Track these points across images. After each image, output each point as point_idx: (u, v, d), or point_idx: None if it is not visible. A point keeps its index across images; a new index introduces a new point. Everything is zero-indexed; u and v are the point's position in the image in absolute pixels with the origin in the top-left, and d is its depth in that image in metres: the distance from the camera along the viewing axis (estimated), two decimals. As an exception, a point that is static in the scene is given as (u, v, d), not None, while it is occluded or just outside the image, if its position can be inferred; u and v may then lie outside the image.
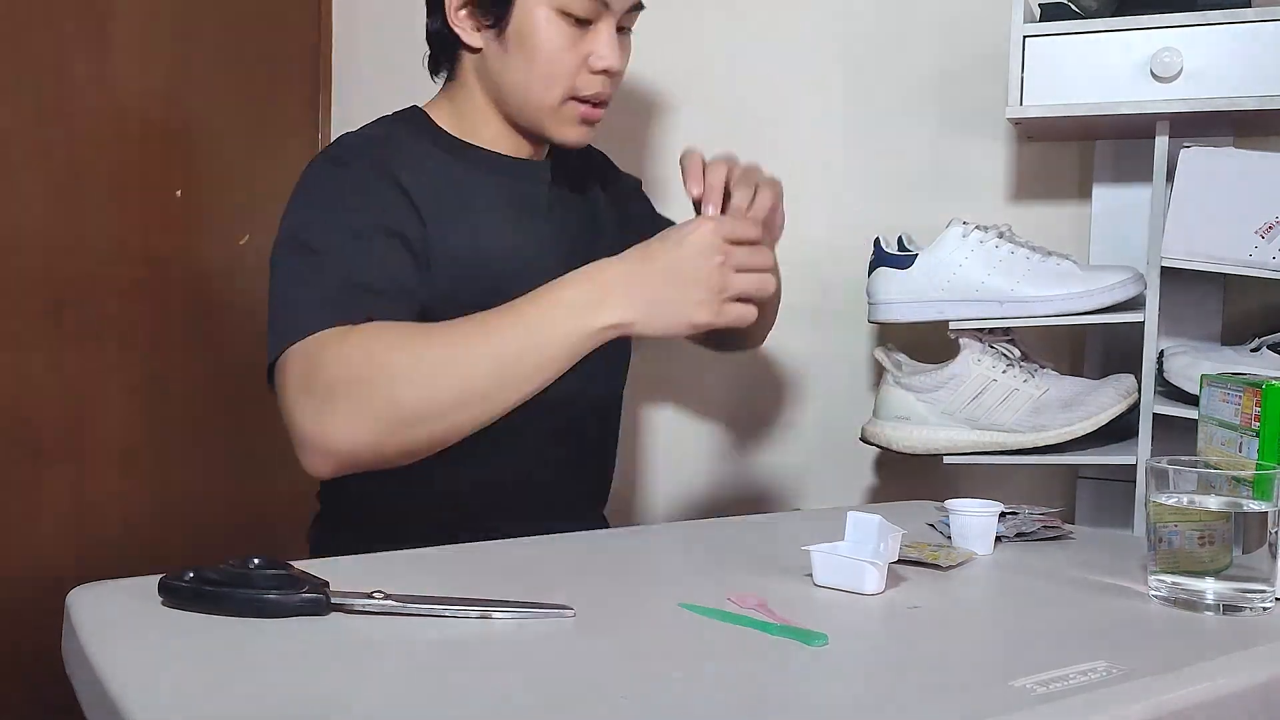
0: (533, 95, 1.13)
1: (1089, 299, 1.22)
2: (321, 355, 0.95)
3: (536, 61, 1.11)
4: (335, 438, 0.94)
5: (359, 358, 0.95)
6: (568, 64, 1.11)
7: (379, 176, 1.09)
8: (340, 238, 1.03)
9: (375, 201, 1.07)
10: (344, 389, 0.94)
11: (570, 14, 1.10)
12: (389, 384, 0.94)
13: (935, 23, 1.48)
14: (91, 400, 1.48)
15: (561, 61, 1.11)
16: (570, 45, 1.11)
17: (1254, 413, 0.84)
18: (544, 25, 1.10)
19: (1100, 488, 1.34)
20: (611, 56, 1.12)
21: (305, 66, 1.82)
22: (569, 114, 1.14)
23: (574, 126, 1.15)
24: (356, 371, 0.94)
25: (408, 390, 0.94)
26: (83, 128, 1.47)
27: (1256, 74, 1.15)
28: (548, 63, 1.11)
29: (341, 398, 0.94)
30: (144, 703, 0.56)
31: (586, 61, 1.12)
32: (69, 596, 0.74)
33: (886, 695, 0.61)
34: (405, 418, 0.94)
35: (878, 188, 1.52)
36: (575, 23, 1.10)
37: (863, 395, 1.52)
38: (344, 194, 1.07)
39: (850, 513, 0.85)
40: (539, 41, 1.10)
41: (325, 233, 1.04)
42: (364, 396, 0.94)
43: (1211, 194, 1.16)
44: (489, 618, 0.71)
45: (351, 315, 0.98)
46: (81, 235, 1.48)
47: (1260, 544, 0.77)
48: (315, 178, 1.11)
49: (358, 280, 1.01)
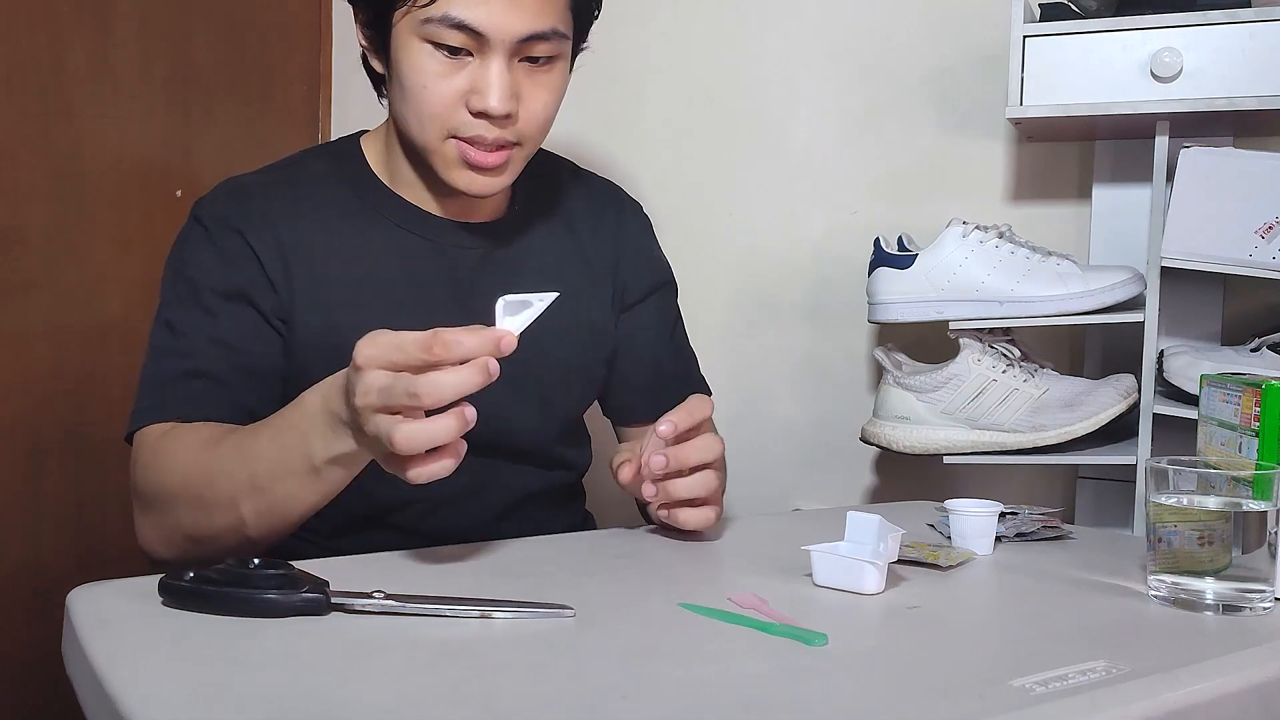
0: (413, 131, 1.01)
1: (1089, 299, 1.22)
2: (137, 459, 0.97)
3: (407, 98, 0.99)
4: (145, 545, 0.97)
5: (153, 475, 0.94)
6: (436, 102, 0.97)
7: (235, 239, 1.02)
8: (189, 312, 1.00)
9: (227, 267, 1.01)
10: (144, 503, 0.96)
11: (438, 42, 0.96)
12: (172, 507, 0.93)
13: (935, 22, 1.48)
14: (91, 400, 1.48)
15: (426, 98, 0.97)
16: (441, 78, 0.97)
17: (1254, 413, 0.84)
18: (410, 56, 0.97)
19: (1100, 488, 1.34)
20: (493, 96, 0.96)
21: (305, 66, 1.82)
22: (451, 156, 1.00)
23: (460, 171, 1.01)
24: (150, 489, 0.95)
25: (186, 515, 0.92)
26: (83, 127, 1.47)
27: (1256, 74, 1.15)
28: (416, 100, 0.98)
29: (142, 511, 0.97)
30: (144, 703, 0.56)
31: (466, 99, 0.98)
32: (68, 598, 0.74)
33: (886, 695, 0.61)
34: (192, 537, 0.92)
35: (878, 188, 1.52)
36: (445, 54, 0.96)
37: (863, 395, 1.52)
38: (199, 259, 1.02)
39: (850, 513, 0.85)
40: (405, 75, 0.98)
41: (177, 304, 1.02)
42: (156, 515, 0.95)
43: (1211, 194, 1.16)
44: (489, 618, 0.71)
45: (177, 409, 0.97)
46: (81, 235, 1.48)
47: (1260, 544, 0.77)
48: (181, 238, 1.06)
49: (194, 366, 0.98)
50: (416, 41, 0.97)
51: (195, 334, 1.00)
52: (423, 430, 0.75)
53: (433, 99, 0.98)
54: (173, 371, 0.99)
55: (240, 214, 1.03)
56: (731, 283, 1.60)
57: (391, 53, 0.99)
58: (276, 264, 1.02)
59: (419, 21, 0.96)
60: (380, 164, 1.09)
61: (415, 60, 0.97)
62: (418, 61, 0.97)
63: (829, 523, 0.86)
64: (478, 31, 0.95)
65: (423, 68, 0.97)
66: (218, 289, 1.01)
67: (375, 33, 1.01)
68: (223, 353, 0.99)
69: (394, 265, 1.06)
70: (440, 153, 1.00)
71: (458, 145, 0.99)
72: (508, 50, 0.96)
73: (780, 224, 1.57)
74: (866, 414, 1.35)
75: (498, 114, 0.97)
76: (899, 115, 1.50)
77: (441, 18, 0.95)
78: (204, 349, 0.99)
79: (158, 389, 0.99)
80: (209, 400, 0.98)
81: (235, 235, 1.02)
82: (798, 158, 1.57)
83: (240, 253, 1.02)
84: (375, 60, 1.04)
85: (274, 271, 1.02)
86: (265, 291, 1.02)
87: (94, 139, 1.49)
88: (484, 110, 0.97)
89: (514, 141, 1.00)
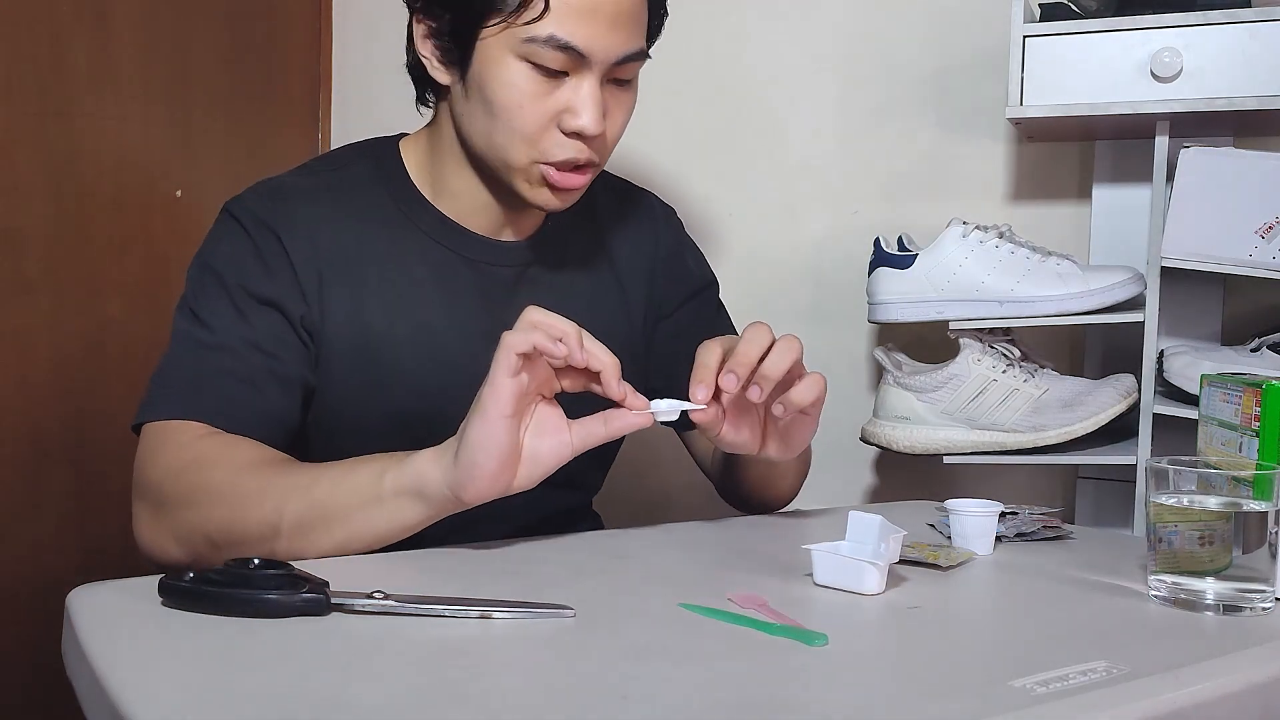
0: (494, 150, 0.98)
1: (1089, 299, 1.22)
2: (155, 454, 0.92)
3: (496, 115, 0.95)
4: (147, 542, 0.93)
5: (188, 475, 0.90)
6: (530, 121, 0.95)
7: (272, 242, 0.99)
8: (220, 308, 0.97)
9: (262, 270, 0.98)
10: (156, 500, 0.91)
11: (537, 62, 0.93)
12: (198, 507, 0.88)
13: (935, 22, 1.48)
14: (93, 401, 1.48)
15: (521, 117, 0.95)
16: (537, 99, 0.94)
17: (1254, 413, 0.84)
18: (503, 73, 0.94)
19: (1100, 488, 1.34)
20: (588, 116, 0.94)
21: (305, 67, 1.82)
22: (535, 176, 0.98)
23: (541, 190, 0.99)
24: (171, 488, 0.90)
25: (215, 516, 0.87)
26: (83, 127, 1.47)
27: (1256, 74, 1.15)
28: (509, 118, 0.95)
29: (152, 507, 0.92)
30: (144, 703, 0.56)
31: (558, 119, 0.96)
32: (69, 598, 0.74)
33: (887, 695, 0.61)
34: (214, 541, 0.88)
35: (878, 188, 1.52)
36: (543, 74, 0.94)
37: (863, 395, 1.52)
38: (234, 257, 0.99)
39: (851, 512, 0.85)
40: (496, 93, 0.94)
41: (207, 299, 0.98)
42: (174, 512, 0.90)
43: (1211, 194, 1.16)
44: (489, 618, 0.71)
45: (211, 410, 0.93)
46: (82, 235, 1.48)
47: (1260, 544, 0.77)
48: (215, 235, 1.02)
49: (228, 364, 0.95)
50: (512, 59, 0.93)
51: (227, 331, 0.96)
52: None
53: (527, 119, 0.95)
54: (205, 367, 0.95)
55: (279, 217, 1.00)
56: (731, 283, 1.59)
57: (474, 67, 0.95)
58: (311, 273, 0.99)
59: (519, 40, 0.93)
60: (420, 173, 1.06)
61: (509, 78, 0.94)
62: (513, 80, 0.94)
63: (829, 523, 0.86)
64: (580, 53, 0.93)
65: (519, 87, 0.94)
66: (251, 291, 0.98)
67: (453, 44, 0.97)
68: (256, 355, 0.96)
69: (428, 280, 1.04)
70: (525, 172, 0.98)
71: (543, 167, 0.97)
72: (603, 71, 0.95)
73: (780, 224, 1.57)
74: (866, 414, 1.35)
75: (593, 135, 0.96)
76: (899, 115, 1.50)
77: (547, 38, 0.92)
78: (237, 348, 0.96)
79: (188, 384, 0.95)
80: (242, 404, 0.94)
81: (273, 239, 0.99)
82: (798, 158, 1.57)
83: (276, 258, 0.99)
84: (441, 71, 0.99)
85: (307, 281, 0.99)
86: (297, 301, 0.99)
87: (94, 139, 1.49)
88: (579, 131, 0.95)
89: (594, 161, 0.99)
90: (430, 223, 1.05)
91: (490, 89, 0.95)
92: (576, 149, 0.97)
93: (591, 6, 0.93)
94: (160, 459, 0.92)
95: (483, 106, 0.96)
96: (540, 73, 0.94)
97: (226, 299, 0.97)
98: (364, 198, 1.04)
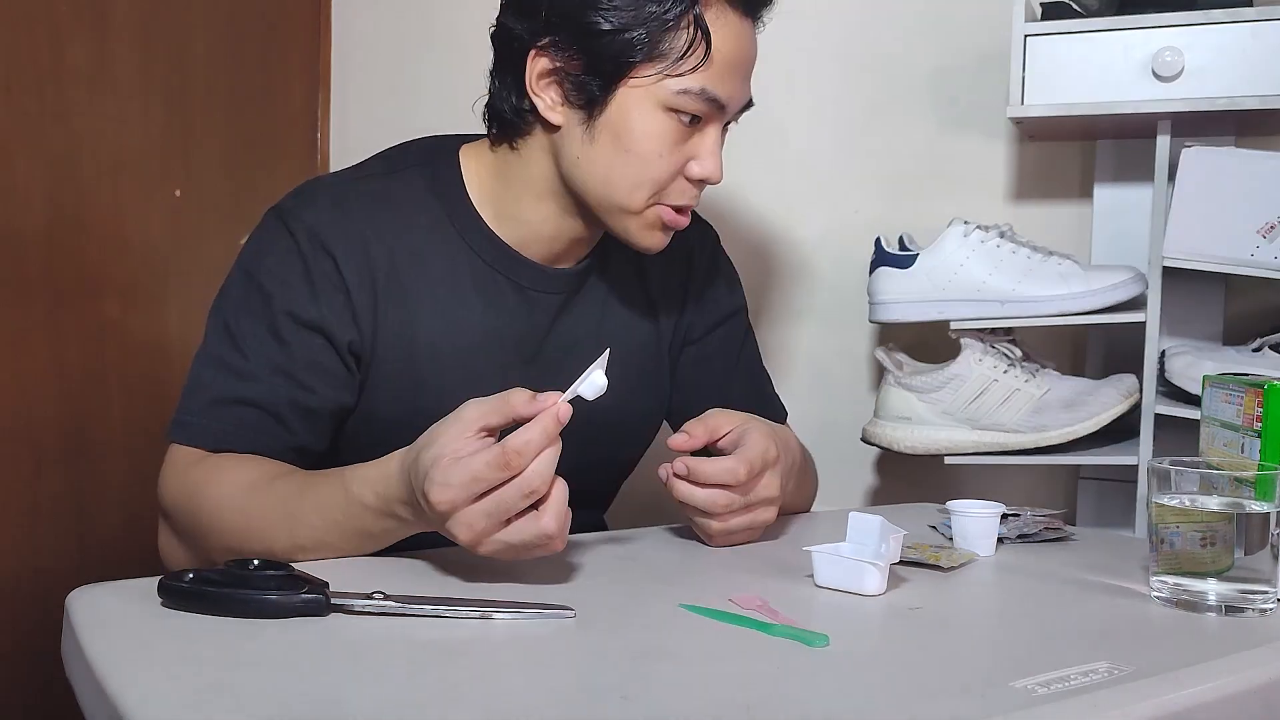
0: (615, 194, 0.97)
1: (1090, 299, 1.22)
2: (173, 477, 0.95)
3: (629, 163, 0.95)
4: (168, 558, 0.97)
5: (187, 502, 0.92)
6: (664, 169, 0.96)
7: (327, 262, 0.96)
8: (258, 329, 0.95)
9: (312, 294, 0.96)
10: (172, 523, 0.95)
11: (682, 111, 0.95)
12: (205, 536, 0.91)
13: (936, 22, 1.48)
14: (92, 401, 1.48)
15: (658, 165, 0.96)
16: (672, 148, 0.96)
17: (1256, 413, 0.84)
18: (646, 122, 0.94)
19: (1102, 488, 1.34)
20: (713, 164, 0.97)
21: (305, 66, 1.82)
22: (651, 219, 0.99)
23: (654, 233, 1.00)
24: (182, 514, 0.93)
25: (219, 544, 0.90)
26: (82, 127, 1.47)
27: (1258, 73, 1.15)
28: (642, 165, 0.95)
29: (170, 529, 0.96)
30: (144, 703, 0.56)
31: (684, 167, 0.97)
32: (68, 599, 0.74)
33: (887, 696, 0.61)
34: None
35: (878, 188, 1.52)
36: (683, 123, 0.95)
37: (863, 395, 1.52)
38: (282, 275, 0.96)
39: (852, 513, 0.85)
40: (637, 140, 0.95)
41: (247, 315, 0.96)
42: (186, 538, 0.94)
43: (1213, 194, 1.16)
44: (489, 618, 0.71)
45: (226, 438, 0.93)
46: (82, 235, 1.47)
47: (1262, 545, 0.77)
48: (264, 242, 0.99)
49: (252, 394, 0.94)
50: (655, 108, 0.94)
51: (259, 356, 0.95)
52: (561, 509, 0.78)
53: (664, 167, 0.96)
54: (227, 393, 0.94)
55: (337, 232, 0.97)
56: (732, 283, 1.60)
57: (608, 113, 0.95)
58: (365, 292, 0.97)
59: (671, 91, 0.93)
60: (481, 193, 1.04)
61: (651, 128, 0.95)
62: (656, 129, 0.95)
63: (830, 524, 0.86)
64: (722, 104, 0.96)
65: (660, 136, 0.95)
66: (296, 315, 0.95)
67: (585, 88, 0.95)
68: (284, 385, 0.95)
69: (477, 302, 1.02)
70: (643, 216, 0.99)
71: (661, 209, 0.98)
72: (728, 118, 0.99)
73: (780, 223, 1.57)
74: (867, 414, 1.35)
75: (716, 182, 0.98)
76: (900, 115, 1.50)
77: (699, 90, 0.94)
78: (265, 377, 0.94)
79: (207, 408, 0.95)
80: (261, 433, 0.94)
81: (328, 260, 0.96)
82: (798, 157, 1.57)
83: (329, 281, 0.96)
84: (557, 112, 0.97)
85: (361, 302, 0.97)
86: (346, 326, 0.97)
87: (93, 139, 1.48)
88: (705, 178, 0.98)
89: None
90: (483, 244, 1.03)
91: (628, 136, 0.95)
92: (694, 194, 0.99)
93: (738, 60, 0.97)
94: (170, 481, 0.95)
95: (612, 151, 0.96)
96: (680, 122, 0.95)
97: (267, 321, 0.95)
98: (419, 210, 1.02)
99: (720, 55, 0.94)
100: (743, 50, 0.97)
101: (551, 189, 1.01)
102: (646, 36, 0.92)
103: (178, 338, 1.59)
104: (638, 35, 0.92)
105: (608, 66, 0.94)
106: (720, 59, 0.94)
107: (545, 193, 1.01)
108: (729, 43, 0.95)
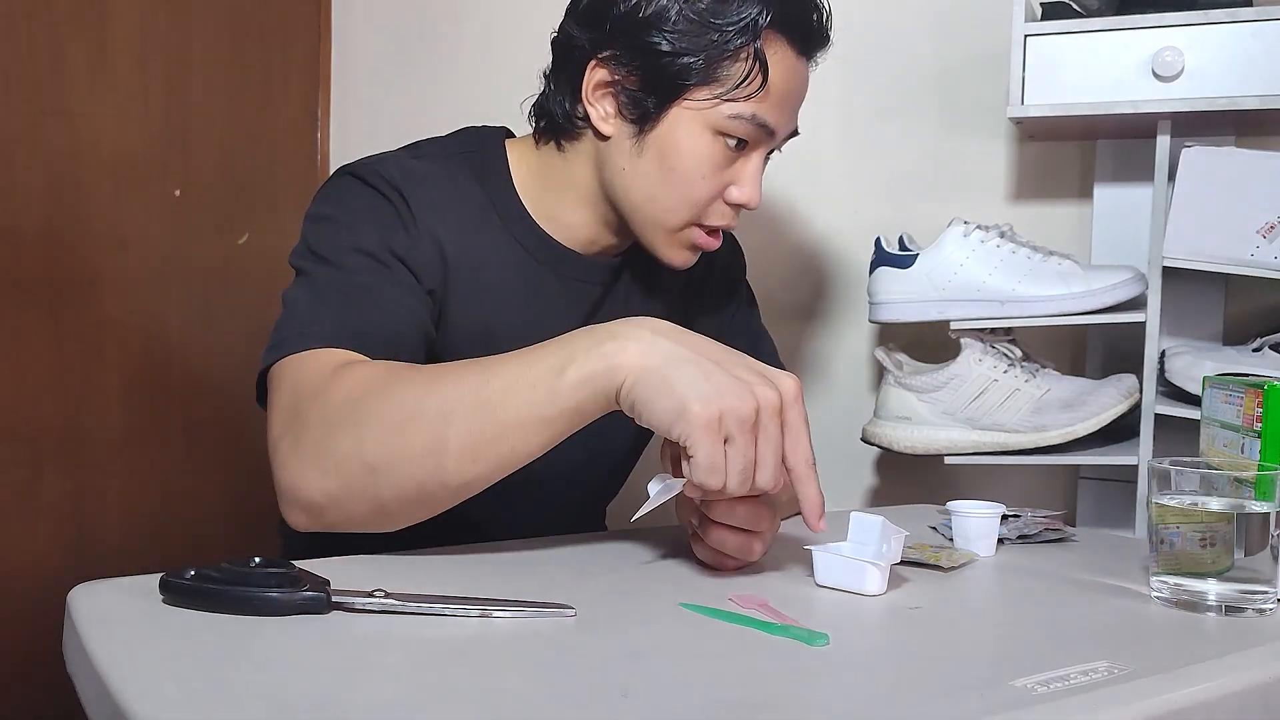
0: (654, 211, 0.99)
1: (1090, 299, 1.22)
2: (299, 384, 0.86)
3: (672, 181, 0.97)
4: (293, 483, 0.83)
5: (338, 397, 0.82)
6: (706, 191, 0.97)
7: (406, 211, 0.96)
8: (358, 259, 0.93)
9: (401, 229, 0.95)
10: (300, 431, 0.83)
11: (730, 135, 0.96)
12: (353, 426, 0.81)
13: (936, 22, 1.48)
14: (91, 400, 1.48)
15: (700, 187, 0.97)
16: (715, 170, 0.97)
17: (1256, 413, 0.84)
18: (694, 143, 0.96)
19: (1101, 488, 1.34)
20: (752, 190, 0.98)
21: (305, 66, 1.82)
22: (685, 239, 1.01)
23: (683, 251, 1.02)
24: (331, 413, 0.82)
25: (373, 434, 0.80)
26: (81, 126, 1.47)
27: (1258, 73, 1.15)
28: (686, 185, 0.97)
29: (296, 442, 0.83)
30: (145, 701, 0.56)
31: (725, 191, 0.99)
32: (69, 596, 0.74)
33: (888, 695, 0.61)
34: (371, 465, 0.80)
35: (878, 188, 1.52)
36: (729, 146, 0.96)
37: (863, 395, 1.52)
38: (371, 214, 0.95)
39: (853, 513, 0.85)
40: (683, 160, 0.96)
41: (341, 245, 0.93)
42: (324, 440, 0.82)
43: (1213, 194, 1.16)
44: (489, 617, 0.71)
45: (344, 338, 0.88)
46: (82, 234, 1.48)
47: (1262, 545, 0.77)
48: (341, 191, 0.98)
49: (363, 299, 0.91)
50: (705, 130, 0.95)
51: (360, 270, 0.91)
52: None
53: (706, 189, 0.97)
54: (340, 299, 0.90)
55: (413, 188, 0.97)
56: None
57: (659, 130, 0.96)
58: (438, 257, 0.97)
59: (723, 115, 0.94)
60: (525, 189, 1.04)
61: (700, 151, 0.96)
62: (704, 151, 0.96)
63: (831, 523, 0.86)
64: (772, 130, 0.97)
65: (707, 159, 0.96)
66: (393, 248, 0.93)
67: (640, 103, 0.96)
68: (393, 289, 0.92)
69: (521, 290, 1.03)
70: (679, 234, 1.00)
71: (694, 231, 1.00)
72: (773, 147, 1.00)
73: (780, 223, 1.57)
74: (867, 414, 1.35)
75: (754, 208, 1.00)
76: (900, 115, 1.50)
77: (751, 116, 0.95)
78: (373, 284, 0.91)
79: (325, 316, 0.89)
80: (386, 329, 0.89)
81: (406, 208, 0.95)
82: (798, 158, 1.56)
83: (416, 225, 0.95)
84: (609, 124, 0.98)
85: (434, 263, 0.96)
86: (430, 276, 0.96)
87: (92, 138, 1.49)
88: (744, 203, 0.99)
89: None
90: (526, 235, 1.04)
91: (676, 156, 0.96)
92: (732, 217, 1.01)
93: (790, 94, 0.98)
94: (304, 387, 0.85)
95: (657, 169, 0.97)
96: (726, 146, 0.96)
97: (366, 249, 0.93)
98: (467, 195, 1.02)
99: (774, 88, 0.96)
100: (795, 86, 0.99)
101: (591, 195, 1.02)
102: (704, 63, 0.94)
103: (177, 337, 1.59)
104: (696, 61, 0.94)
105: (664, 86, 0.95)
106: (774, 91, 0.96)
107: (586, 198, 1.03)
108: (783, 77, 0.97)
